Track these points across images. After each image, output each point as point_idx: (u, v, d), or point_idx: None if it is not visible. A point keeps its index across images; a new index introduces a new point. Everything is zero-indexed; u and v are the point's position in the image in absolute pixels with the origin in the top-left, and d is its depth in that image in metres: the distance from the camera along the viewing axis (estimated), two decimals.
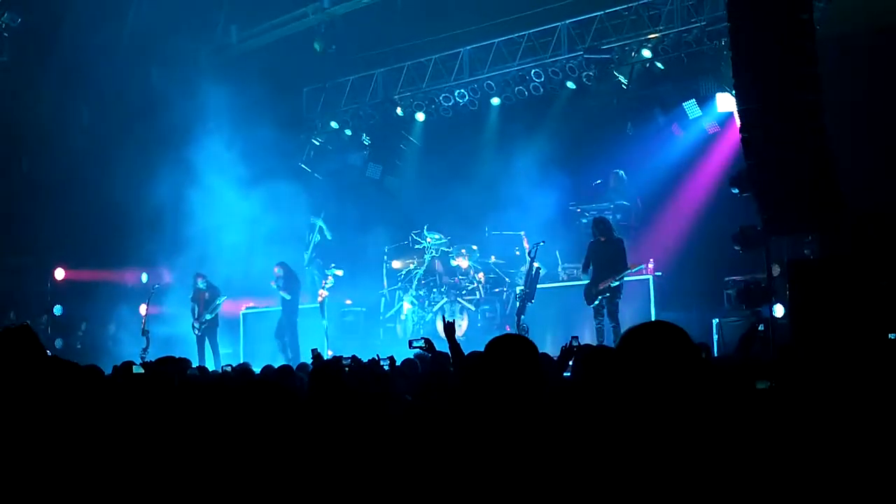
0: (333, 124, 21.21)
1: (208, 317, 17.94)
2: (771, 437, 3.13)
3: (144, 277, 19.08)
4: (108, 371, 7.91)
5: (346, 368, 8.21)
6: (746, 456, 3.01)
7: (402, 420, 5.37)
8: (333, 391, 5.59)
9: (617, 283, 14.46)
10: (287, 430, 4.57)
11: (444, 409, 5.04)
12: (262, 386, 4.89)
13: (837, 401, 4.48)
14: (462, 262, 17.90)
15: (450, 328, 7.60)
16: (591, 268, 14.85)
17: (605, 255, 14.65)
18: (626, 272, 14.54)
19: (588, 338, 14.22)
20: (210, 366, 15.73)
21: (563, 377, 6.93)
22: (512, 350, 3.80)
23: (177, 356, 9.90)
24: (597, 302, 14.64)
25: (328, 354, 14.52)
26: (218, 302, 18.03)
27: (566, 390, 5.55)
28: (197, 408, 5.60)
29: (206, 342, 17.95)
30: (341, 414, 5.19)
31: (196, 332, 17.92)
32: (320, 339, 17.30)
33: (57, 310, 19.09)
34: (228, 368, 11.93)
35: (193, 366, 10.74)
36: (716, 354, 12.96)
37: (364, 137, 21.33)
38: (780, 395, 5.03)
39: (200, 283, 18.04)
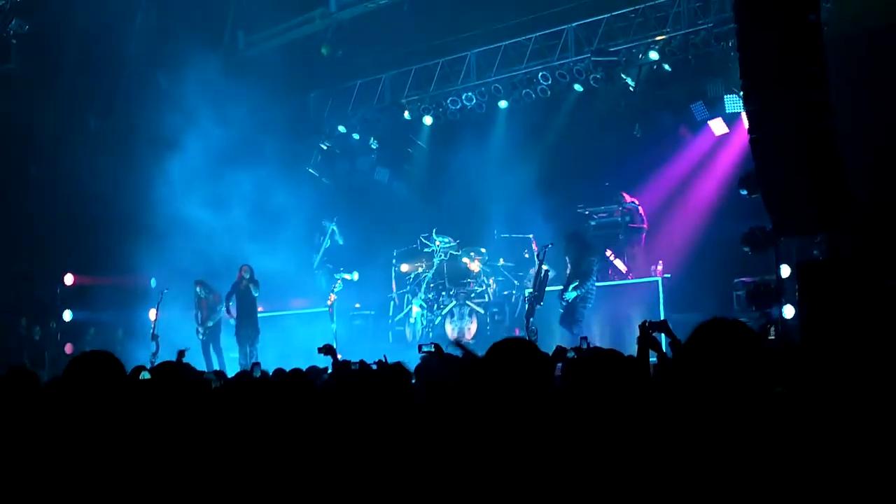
0: (341, 128, 21.24)
1: (211, 323, 17.99)
2: (790, 441, 3.12)
3: (153, 283, 19.10)
4: None
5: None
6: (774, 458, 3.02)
7: (406, 423, 5.37)
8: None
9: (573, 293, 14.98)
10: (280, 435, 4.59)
11: (447, 412, 5.04)
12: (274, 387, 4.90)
13: (850, 403, 4.46)
14: (473, 266, 17.92)
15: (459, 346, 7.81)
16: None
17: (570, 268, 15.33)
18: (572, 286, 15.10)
19: (597, 340, 14.22)
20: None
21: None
22: (515, 354, 3.79)
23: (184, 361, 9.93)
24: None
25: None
26: (221, 308, 18.07)
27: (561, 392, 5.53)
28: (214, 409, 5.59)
29: (211, 347, 17.99)
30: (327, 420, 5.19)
31: (200, 337, 17.94)
32: (329, 342, 17.28)
33: (66, 315, 19.12)
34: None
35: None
36: None
37: (372, 141, 21.34)
38: (794, 398, 5.01)
39: (200, 291, 18.09)
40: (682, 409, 3.17)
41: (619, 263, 16.87)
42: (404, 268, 19.39)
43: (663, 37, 16.94)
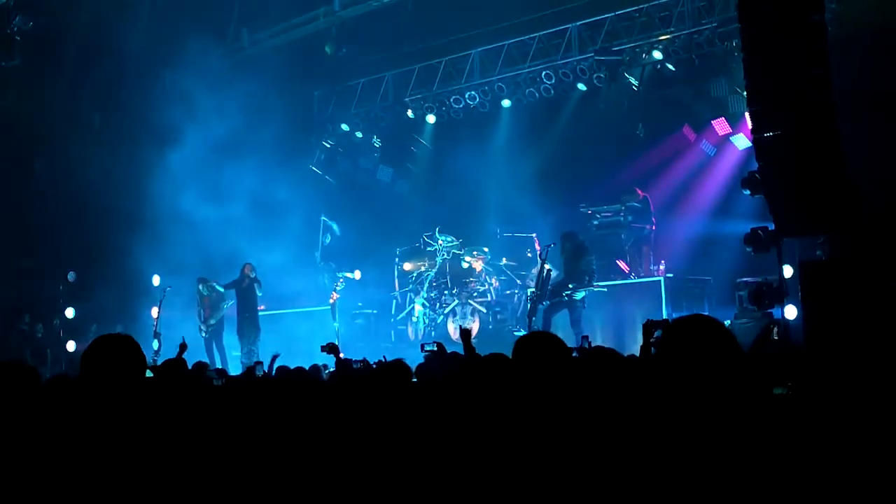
0: (344, 127, 21.26)
1: (213, 320, 18.01)
2: (791, 443, 3.12)
3: (156, 280, 19.10)
4: None
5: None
6: (772, 459, 3.01)
7: (408, 420, 5.38)
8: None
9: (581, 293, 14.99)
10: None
11: (450, 409, 5.05)
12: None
13: (854, 404, 4.46)
14: (476, 264, 17.92)
15: (466, 334, 7.82)
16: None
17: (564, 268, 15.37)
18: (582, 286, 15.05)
19: (599, 339, 14.22)
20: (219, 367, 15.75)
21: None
22: (543, 348, 3.85)
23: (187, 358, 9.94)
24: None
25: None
26: (224, 306, 18.09)
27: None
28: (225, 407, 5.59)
29: (214, 345, 18.01)
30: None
31: (203, 334, 17.97)
32: (332, 341, 17.27)
33: (69, 312, 19.11)
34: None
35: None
36: None
37: (375, 140, 21.36)
38: (798, 399, 5.00)
39: (203, 289, 18.11)
40: (659, 405, 3.19)
41: (620, 264, 16.89)
42: (407, 266, 19.38)
43: (667, 36, 16.94)
